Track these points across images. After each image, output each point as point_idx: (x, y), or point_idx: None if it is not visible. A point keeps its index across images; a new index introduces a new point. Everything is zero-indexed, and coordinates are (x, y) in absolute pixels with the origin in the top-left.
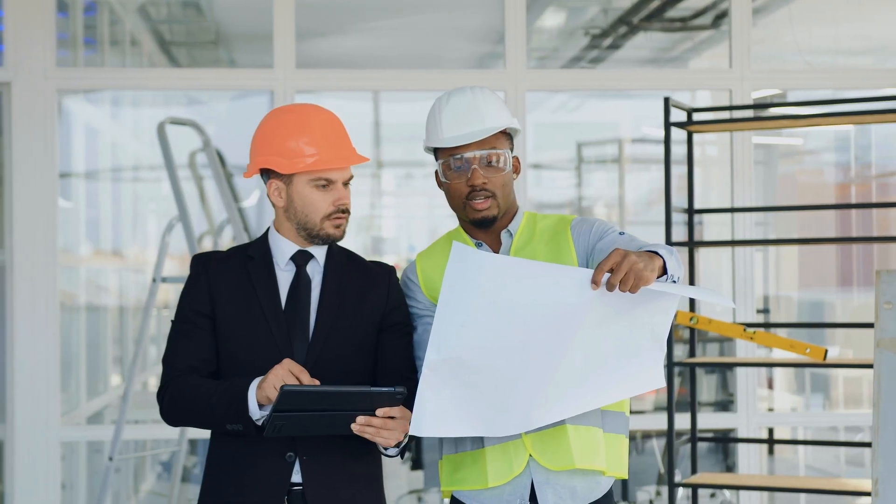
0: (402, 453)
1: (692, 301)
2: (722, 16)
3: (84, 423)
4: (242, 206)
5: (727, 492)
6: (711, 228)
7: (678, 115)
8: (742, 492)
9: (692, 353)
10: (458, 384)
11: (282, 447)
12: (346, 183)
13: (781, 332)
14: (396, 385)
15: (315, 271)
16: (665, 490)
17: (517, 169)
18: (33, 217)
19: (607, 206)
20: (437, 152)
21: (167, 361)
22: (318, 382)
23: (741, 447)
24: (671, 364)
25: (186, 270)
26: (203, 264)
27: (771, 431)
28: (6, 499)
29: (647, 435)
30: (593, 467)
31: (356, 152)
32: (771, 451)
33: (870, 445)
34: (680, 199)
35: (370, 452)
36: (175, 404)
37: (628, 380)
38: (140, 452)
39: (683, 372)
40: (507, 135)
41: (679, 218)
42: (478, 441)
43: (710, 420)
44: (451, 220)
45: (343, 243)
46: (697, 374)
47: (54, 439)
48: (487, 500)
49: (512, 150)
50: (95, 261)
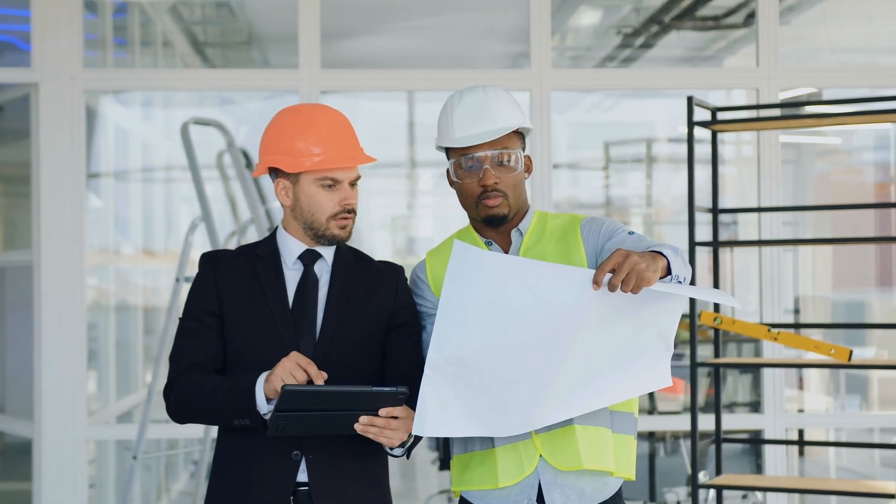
0: (408, 453)
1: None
2: (754, 14)
3: (114, 422)
4: (270, 208)
5: (759, 494)
6: (748, 229)
7: (703, 115)
8: (771, 494)
9: (717, 354)
10: (461, 384)
11: (288, 446)
12: (353, 183)
13: (816, 334)
14: (402, 385)
15: (323, 270)
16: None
17: (529, 168)
18: (60, 217)
19: (642, 206)
20: (449, 152)
21: (173, 359)
22: (326, 375)
23: (768, 448)
24: (694, 364)
25: None
26: (211, 262)
27: (801, 433)
28: (34, 497)
29: (676, 436)
30: (601, 468)
31: (363, 152)
32: (801, 453)
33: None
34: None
35: (376, 452)
36: (181, 401)
37: (634, 379)
38: (165, 451)
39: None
40: (520, 134)
41: (706, 218)
42: (487, 441)
43: (738, 421)
44: None
45: (380, 242)
46: (733, 375)
47: (81, 438)
48: (495, 501)
49: (524, 150)
50: (128, 260)
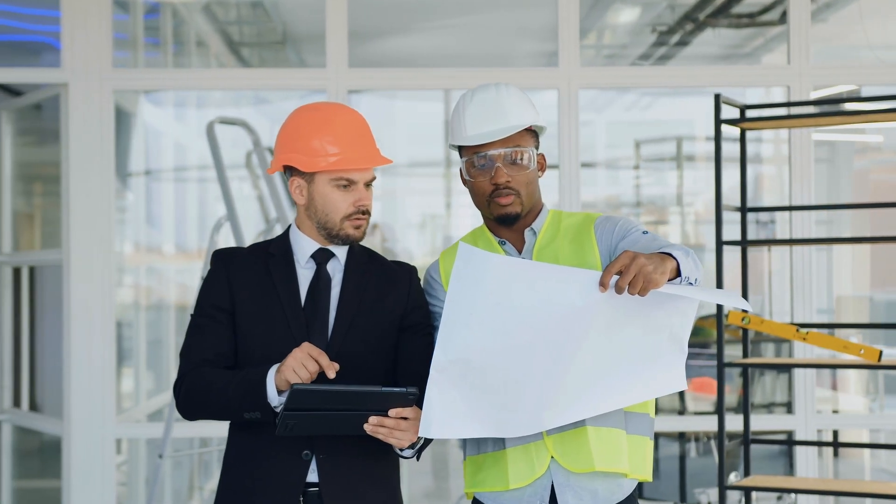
0: (418, 455)
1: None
2: None
3: (145, 421)
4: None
5: (794, 496)
6: (787, 228)
7: (732, 113)
8: (805, 496)
9: (745, 354)
10: (466, 385)
11: (298, 445)
12: (369, 184)
13: (852, 334)
14: (412, 386)
15: (336, 270)
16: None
17: (542, 167)
18: (90, 217)
19: (681, 205)
20: (461, 150)
21: (184, 355)
22: (338, 365)
23: (800, 450)
24: (721, 364)
25: None
26: (223, 260)
27: (836, 434)
28: (63, 494)
29: (709, 436)
30: (615, 469)
31: (379, 153)
32: (836, 454)
33: None
34: (744, 198)
35: (386, 453)
36: (191, 396)
37: (646, 382)
38: (196, 450)
39: (751, 373)
40: (533, 133)
41: (749, 217)
42: (499, 442)
43: (769, 422)
44: None
45: (417, 242)
46: (771, 376)
47: (110, 436)
48: (507, 502)
49: (538, 148)
50: (162, 259)
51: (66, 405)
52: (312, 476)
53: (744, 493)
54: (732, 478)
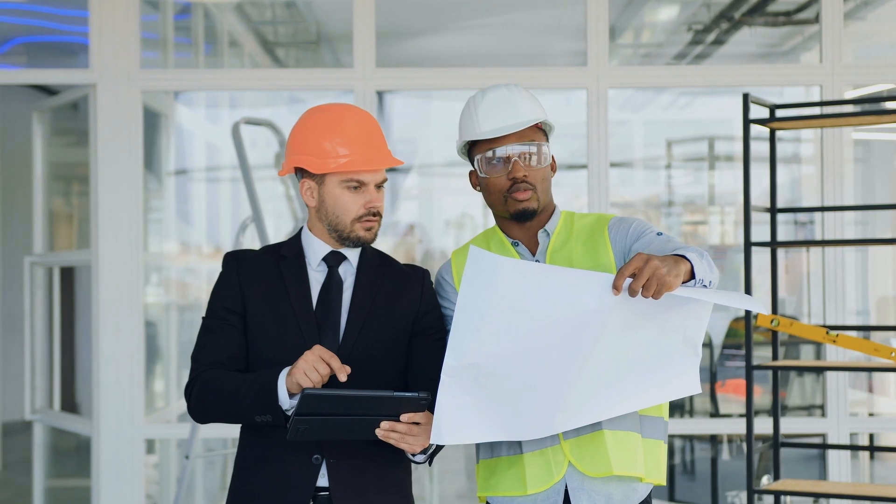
0: (431, 460)
1: (774, 303)
2: None
3: (175, 421)
4: None
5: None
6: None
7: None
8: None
9: (775, 356)
10: (478, 390)
11: (308, 449)
12: (380, 186)
13: (894, 338)
14: (423, 391)
15: (347, 273)
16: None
17: (553, 167)
18: (118, 217)
19: (716, 204)
20: (474, 149)
21: (195, 357)
22: (350, 368)
23: (832, 453)
24: (750, 367)
25: None
26: (235, 262)
27: (872, 437)
28: (93, 494)
29: (742, 439)
30: (631, 474)
31: (390, 155)
32: (872, 457)
33: None
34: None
35: (399, 458)
36: (202, 399)
37: (660, 385)
38: (227, 450)
39: (784, 376)
40: (545, 133)
41: (783, 218)
42: (515, 446)
43: (801, 425)
44: None
45: (453, 242)
46: (811, 378)
47: (138, 436)
48: None
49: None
50: (195, 259)
51: (95, 405)
52: (322, 480)
53: (774, 497)
54: (765, 481)
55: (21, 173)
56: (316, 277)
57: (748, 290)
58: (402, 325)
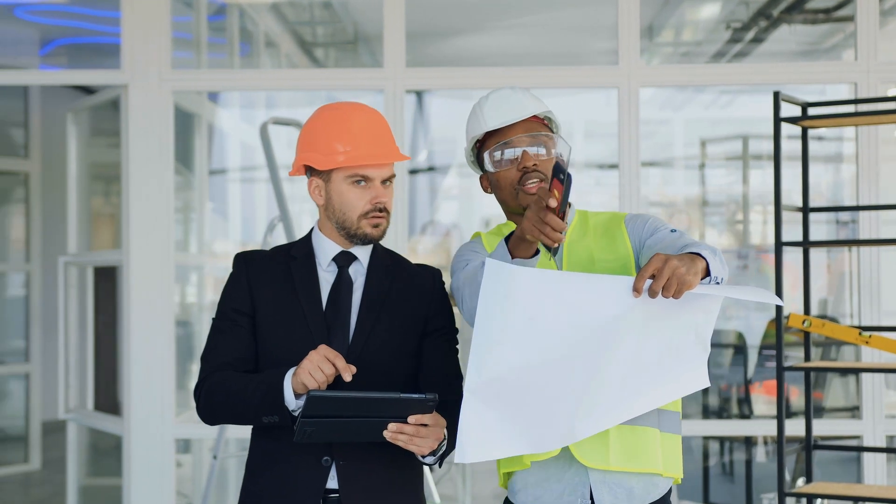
0: (441, 461)
1: (807, 304)
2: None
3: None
4: None
5: None
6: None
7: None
8: None
9: (807, 357)
10: (501, 404)
11: (318, 451)
12: (386, 182)
13: None
14: (432, 392)
15: (358, 273)
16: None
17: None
18: (149, 218)
19: (761, 204)
20: (483, 149)
21: (204, 358)
22: (355, 368)
23: (867, 456)
24: (781, 368)
25: None
26: (245, 263)
27: None
28: (124, 493)
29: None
30: (649, 470)
31: (397, 150)
32: None
33: None
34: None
35: (410, 459)
36: (211, 399)
37: (672, 382)
38: (243, 451)
39: (820, 377)
40: (552, 131)
41: (825, 217)
42: None
43: (837, 427)
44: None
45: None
46: (852, 379)
47: (169, 436)
48: (548, 500)
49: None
50: (230, 259)
51: (126, 405)
52: (332, 482)
53: (806, 500)
54: (801, 483)
55: (63, 173)
56: (326, 278)
57: (778, 291)
58: (413, 326)
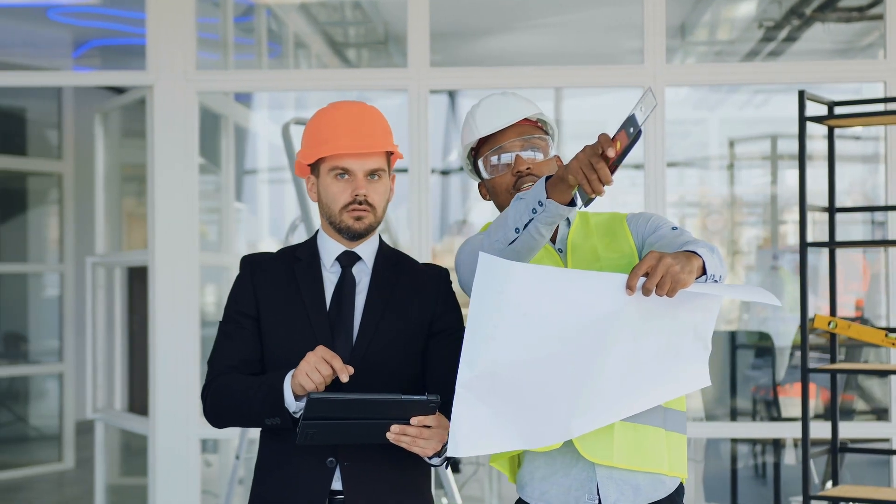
0: (448, 462)
1: (833, 305)
2: None
3: None
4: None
5: None
6: None
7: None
8: None
9: (833, 359)
10: (494, 399)
11: (322, 452)
12: (369, 175)
13: None
14: (441, 393)
15: (362, 273)
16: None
17: (559, 165)
18: (173, 218)
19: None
20: (478, 152)
21: (210, 362)
22: (353, 369)
23: None
24: (806, 370)
25: None
26: (250, 265)
27: None
28: (150, 492)
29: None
30: (654, 469)
31: (378, 142)
32: None
33: None
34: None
35: (415, 460)
36: (217, 402)
37: (672, 381)
38: None
39: (851, 380)
40: (546, 135)
41: (861, 217)
42: None
43: (866, 430)
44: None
45: None
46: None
47: (194, 436)
48: (555, 490)
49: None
50: None
51: (152, 405)
52: (337, 484)
53: (831, 503)
54: (829, 486)
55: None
56: (330, 279)
57: (803, 292)
58: (418, 326)
